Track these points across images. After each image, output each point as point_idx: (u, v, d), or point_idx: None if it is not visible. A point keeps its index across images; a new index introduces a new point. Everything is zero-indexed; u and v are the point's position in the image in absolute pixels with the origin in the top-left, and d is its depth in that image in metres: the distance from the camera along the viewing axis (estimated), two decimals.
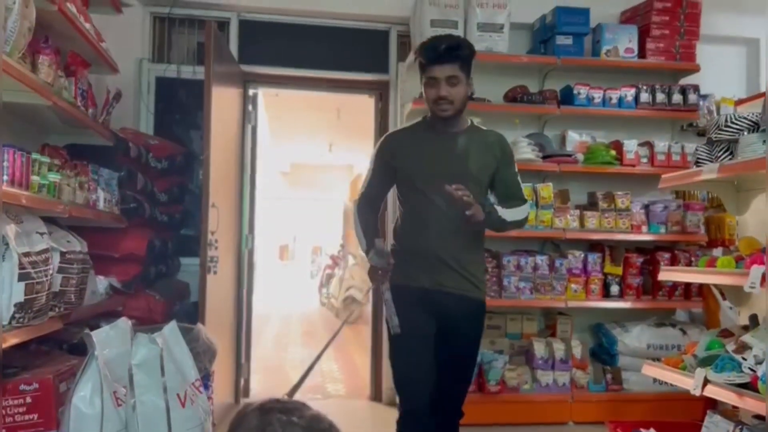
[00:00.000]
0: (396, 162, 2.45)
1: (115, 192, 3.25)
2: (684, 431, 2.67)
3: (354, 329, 9.16)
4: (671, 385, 4.06)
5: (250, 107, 4.71)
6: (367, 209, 2.57)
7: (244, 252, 4.59)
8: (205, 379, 2.92)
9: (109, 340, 2.31)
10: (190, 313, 3.77)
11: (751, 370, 2.19)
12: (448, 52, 2.28)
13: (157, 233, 3.77)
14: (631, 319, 4.36)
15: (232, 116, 4.33)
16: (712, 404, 2.73)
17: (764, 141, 2.37)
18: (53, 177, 2.40)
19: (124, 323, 2.45)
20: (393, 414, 4.40)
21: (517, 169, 2.52)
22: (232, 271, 4.38)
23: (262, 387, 5.15)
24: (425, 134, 2.45)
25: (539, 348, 4.12)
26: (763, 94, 2.59)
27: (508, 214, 2.40)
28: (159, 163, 3.87)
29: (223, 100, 3.94)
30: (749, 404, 2.10)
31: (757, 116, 2.48)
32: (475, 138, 2.44)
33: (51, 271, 2.30)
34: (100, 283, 3.16)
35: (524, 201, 2.50)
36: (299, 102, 7.93)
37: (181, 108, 4.49)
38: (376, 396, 4.79)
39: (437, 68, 2.30)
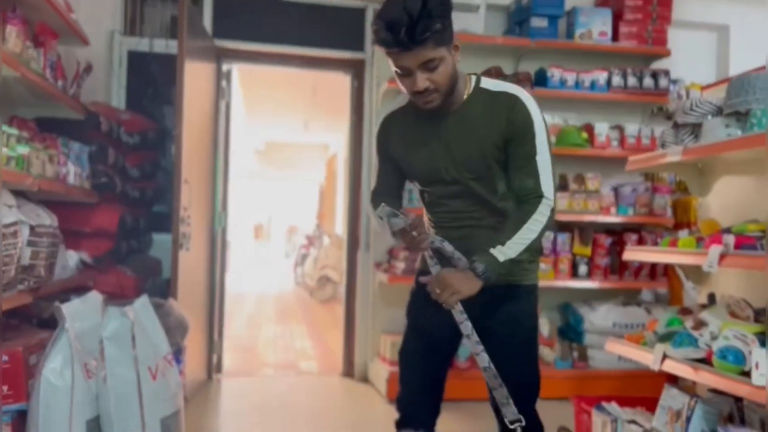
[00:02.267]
0: (392, 155, 1.93)
1: (85, 166, 3.21)
2: (644, 404, 2.76)
3: (328, 308, 9.23)
4: (635, 362, 4.19)
5: (224, 83, 4.68)
6: (380, 202, 1.88)
7: (217, 229, 4.58)
8: (177, 353, 2.94)
9: (80, 313, 2.32)
10: (162, 289, 3.77)
11: (707, 345, 2.27)
12: (414, 35, 1.62)
13: (128, 209, 3.75)
14: (599, 299, 4.47)
15: (206, 92, 4.29)
16: (674, 381, 2.83)
17: (726, 125, 2.44)
18: (22, 149, 2.38)
19: (95, 296, 2.46)
20: (365, 389, 4.51)
21: (542, 146, 1.75)
22: (205, 248, 4.38)
23: (235, 365, 5.18)
24: (415, 120, 1.86)
25: None
26: (728, 80, 2.65)
27: (512, 247, 1.70)
28: (131, 138, 3.83)
29: (196, 76, 3.90)
30: (704, 378, 2.19)
31: (720, 101, 2.54)
32: (477, 110, 1.78)
33: (20, 245, 2.28)
34: (71, 258, 3.14)
35: (538, 198, 1.73)
36: (274, 79, 7.87)
37: (153, 83, 4.43)
38: (348, 372, 4.85)
39: (404, 57, 1.67)
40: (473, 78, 1.83)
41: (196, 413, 3.73)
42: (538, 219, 1.72)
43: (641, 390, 3.80)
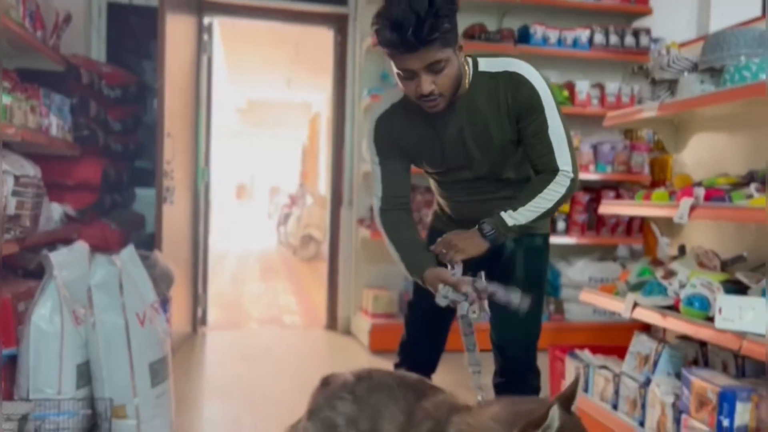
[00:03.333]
0: (397, 154, 1.84)
1: (67, 118, 3.21)
2: (615, 353, 2.87)
3: (311, 266, 9.32)
4: (609, 315, 4.36)
5: (205, 37, 4.63)
6: (395, 218, 1.85)
7: (200, 185, 4.60)
8: (163, 303, 3.00)
9: (67, 261, 2.36)
10: (147, 243, 3.80)
11: (675, 294, 2.37)
12: (421, 36, 1.52)
13: (111, 162, 3.75)
14: (576, 254, 4.59)
15: (187, 45, 4.26)
16: (646, 331, 2.94)
17: (701, 81, 2.50)
18: (5, 99, 2.37)
19: (82, 246, 2.49)
20: (348, 342, 4.63)
21: (553, 118, 1.68)
22: (189, 203, 4.40)
23: (220, 319, 5.26)
24: (419, 115, 1.74)
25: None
26: (705, 37, 2.69)
27: (523, 213, 1.69)
28: (112, 91, 3.81)
29: (177, 29, 3.87)
30: (671, 323, 2.29)
31: (697, 58, 2.59)
32: (482, 97, 1.71)
33: (5, 194, 2.30)
34: (55, 211, 3.16)
35: (554, 172, 1.69)
36: (256, 34, 7.77)
37: (133, 36, 4.37)
38: (331, 325, 4.95)
39: (409, 58, 1.57)
40: (470, 61, 1.72)
41: (182, 364, 3.81)
42: (555, 189, 1.69)
43: (614, 341, 3.93)
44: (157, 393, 2.35)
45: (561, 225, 4.46)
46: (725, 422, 1.98)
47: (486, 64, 1.73)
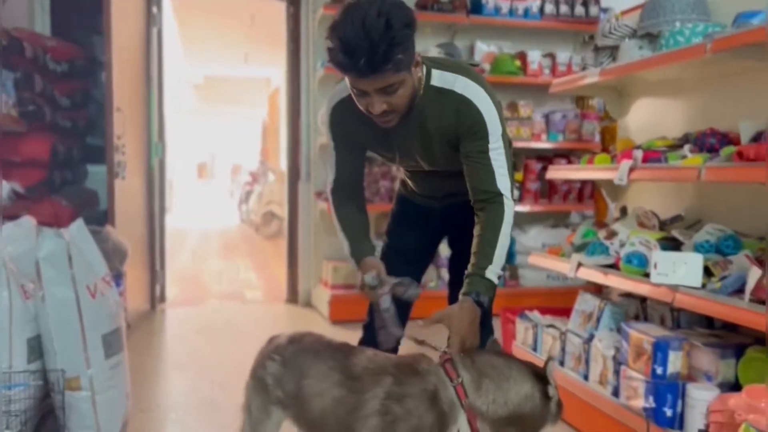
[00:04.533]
0: (352, 141, 1.83)
1: (11, 94, 3.13)
2: (562, 314, 2.97)
3: (273, 243, 9.30)
4: (563, 279, 4.49)
5: (154, 9, 4.54)
6: (346, 199, 1.86)
7: (153, 160, 4.55)
8: (116, 278, 2.99)
9: (13, 236, 2.32)
10: (100, 220, 3.76)
11: (616, 252, 2.47)
12: (373, 65, 1.47)
13: (60, 138, 3.68)
14: (530, 222, 4.69)
15: (136, 18, 4.18)
16: (597, 292, 3.04)
17: (640, 47, 2.58)
18: None
19: (28, 220, 2.46)
20: (309, 313, 4.67)
21: (496, 143, 1.65)
22: (142, 178, 4.36)
23: (179, 295, 5.25)
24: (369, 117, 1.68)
25: (443, 248, 4.38)
26: (642, 5, 2.76)
27: (498, 261, 1.62)
28: (58, 66, 3.72)
29: (124, 1, 3.79)
30: (612, 281, 2.39)
31: (635, 24, 2.67)
32: (430, 112, 1.68)
33: None
34: (2, 188, 3.10)
35: (500, 197, 1.64)
36: (211, 8, 7.63)
37: (80, 10, 4.26)
38: (292, 299, 4.98)
39: (360, 81, 1.53)
40: (424, 70, 1.66)
41: (140, 339, 3.81)
42: (508, 222, 1.65)
43: (567, 304, 4.08)
44: (111, 364, 2.35)
45: (515, 193, 4.54)
46: (659, 370, 2.09)
47: (437, 78, 1.67)
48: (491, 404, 1.42)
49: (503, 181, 1.65)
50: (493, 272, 1.61)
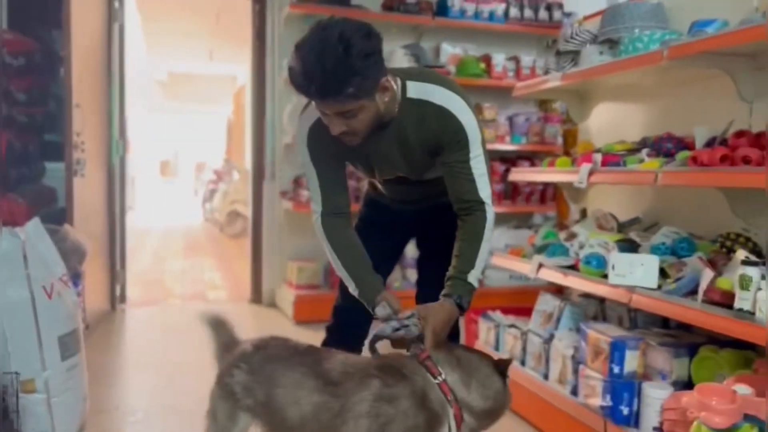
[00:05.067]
0: (332, 158, 1.79)
1: None
2: (524, 314, 3.01)
3: (238, 243, 9.20)
4: (525, 279, 4.55)
5: (116, 4, 4.46)
6: (338, 226, 1.79)
7: (114, 158, 4.46)
8: (75, 278, 2.93)
9: None
10: (58, 218, 3.66)
11: (576, 254, 2.52)
12: (326, 92, 1.49)
13: (16, 134, 3.58)
14: (494, 224, 4.73)
15: (96, 12, 4.09)
16: (558, 293, 3.10)
17: (600, 52, 2.63)
18: None
19: None
20: (272, 314, 4.64)
21: (476, 152, 1.66)
22: (103, 176, 4.27)
23: (140, 296, 5.16)
24: None
25: (409, 249, 4.40)
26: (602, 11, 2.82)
27: (479, 265, 1.66)
28: (15, 60, 3.61)
29: None
30: (571, 281, 2.44)
31: (597, 29, 2.72)
32: (408, 126, 1.68)
33: None
34: None
35: (482, 205, 1.68)
36: (175, 2, 7.52)
37: (38, 3, 4.15)
38: (256, 299, 4.95)
39: (319, 104, 1.56)
40: (398, 83, 1.65)
41: (99, 340, 3.74)
42: (490, 228, 1.69)
43: (528, 304, 4.15)
44: (67, 366, 2.30)
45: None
46: (616, 369, 2.14)
47: (414, 89, 1.66)
48: (479, 399, 1.49)
49: (484, 189, 1.68)
50: (474, 277, 1.65)
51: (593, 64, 2.57)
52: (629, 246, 2.35)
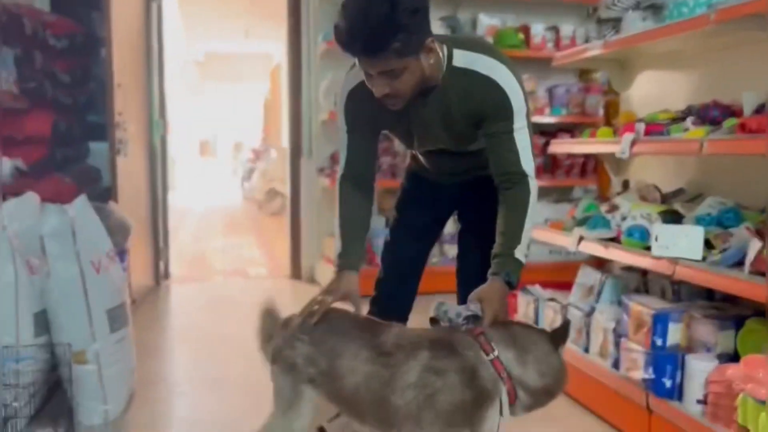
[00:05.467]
0: (376, 126, 1.80)
1: (12, 70, 3.13)
2: (563, 288, 2.98)
3: (276, 220, 9.30)
4: (566, 253, 4.48)
5: None
6: (353, 189, 1.81)
7: (155, 138, 4.55)
8: (120, 253, 3.01)
9: (17, 212, 2.34)
10: (103, 197, 3.76)
11: (618, 226, 2.47)
12: (371, 48, 1.48)
13: (61, 115, 3.67)
14: None
15: None
16: (599, 266, 3.05)
17: (644, 18, 2.55)
18: None
19: (32, 196, 2.48)
20: (312, 289, 4.69)
21: (521, 123, 1.63)
22: (144, 155, 4.36)
23: (183, 272, 5.28)
24: None
25: (448, 224, 4.39)
26: None
27: (525, 240, 1.64)
28: (58, 42, 3.70)
29: None
30: (613, 254, 2.40)
31: None
32: (453, 95, 1.65)
33: None
34: (5, 165, 3.11)
35: (525, 177, 1.64)
36: None
37: None
38: (295, 274, 5.01)
39: (364, 62, 1.53)
40: (445, 51, 1.61)
41: (145, 314, 3.85)
42: (533, 201, 1.65)
43: (568, 279, 4.10)
44: (116, 338, 2.38)
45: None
46: (659, 342, 2.11)
47: (460, 58, 1.63)
48: (535, 376, 1.46)
49: (528, 162, 1.64)
50: (521, 252, 1.62)
51: (636, 31, 2.50)
52: (673, 217, 2.30)
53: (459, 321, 1.55)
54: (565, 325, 1.53)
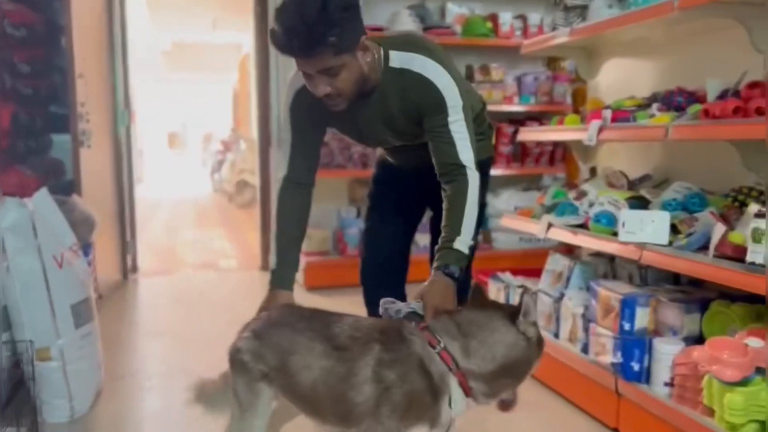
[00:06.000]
0: (321, 123, 1.84)
1: None
2: (533, 275, 3.00)
3: (247, 213, 9.22)
4: (535, 241, 4.54)
5: None
6: (292, 193, 1.85)
7: (120, 128, 4.45)
8: (86, 248, 2.94)
9: None
10: (66, 190, 3.68)
11: (585, 212, 2.49)
12: (306, 50, 1.51)
13: (21, 107, 3.57)
14: (502, 185, 4.71)
15: None
16: (568, 253, 3.08)
17: (609, 6, 2.57)
18: None
19: None
20: None
21: (456, 116, 1.67)
22: (109, 147, 4.27)
23: (152, 265, 5.20)
24: None
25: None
26: None
27: (467, 231, 1.63)
28: (17, 31, 3.59)
29: None
30: (581, 240, 2.42)
31: None
32: (391, 94, 1.71)
33: None
34: None
35: (463, 169, 1.67)
36: None
37: None
38: (266, 266, 4.97)
39: (303, 62, 1.56)
40: (381, 53, 1.68)
41: (112, 309, 3.78)
42: (473, 192, 1.65)
43: (538, 266, 4.14)
44: (81, 334, 2.33)
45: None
46: (626, 326, 2.13)
47: (396, 59, 1.69)
48: (481, 362, 1.40)
49: (465, 153, 1.67)
50: (462, 242, 1.62)
51: (602, 18, 2.51)
52: (640, 203, 2.32)
53: (399, 318, 1.53)
54: (521, 297, 1.42)
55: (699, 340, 2.06)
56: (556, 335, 2.57)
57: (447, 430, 1.42)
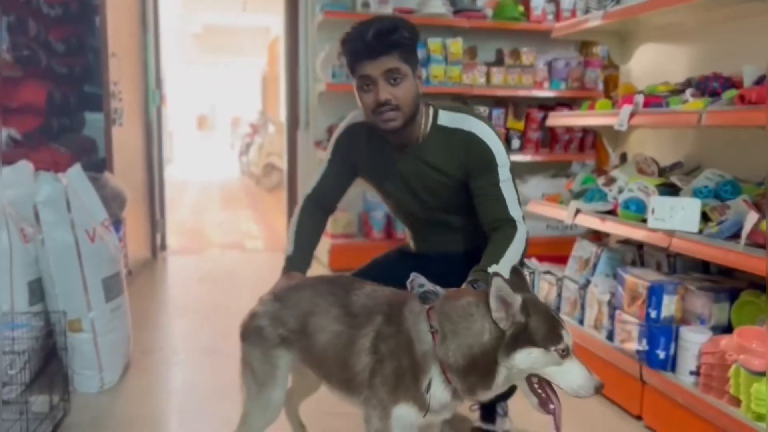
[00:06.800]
0: (356, 168, 1.89)
1: (5, 38, 3.09)
2: (560, 261, 2.98)
3: (274, 195, 9.29)
4: (563, 228, 4.50)
5: None
6: (313, 210, 1.91)
7: (151, 108, 4.51)
8: (117, 224, 3.00)
9: (11, 181, 2.34)
10: (99, 167, 3.75)
11: (614, 199, 2.46)
12: (381, 40, 1.63)
13: (56, 85, 3.64)
14: (531, 172, 4.66)
15: None
16: (596, 240, 3.05)
17: None
18: None
19: (26, 165, 2.47)
20: None
21: (505, 174, 1.71)
22: (141, 126, 4.33)
23: (180, 245, 5.28)
24: (379, 146, 1.80)
25: None
26: None
27: (503, 262, 1.58)
28: (52, 10, 3.65)
29: None
30: (609, 227, 2.39)
31: None
32: (436, 150, 1.76)
33: None
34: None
35: (512, 222, 1.69)
36: None
37: None
38: None
39: (369, 64, 1.65)
40: (431, 111, 1.78)
41: (141, 285, 3.85)
42: (520, 240, 1.68)
43: (564, 253, 4.10)
44: (112, 307, 2.39)
45: (516, 143, 4.51)
46: (653, 314, 2.11)
47: (446, 118, 1.77)
48: (452, 352, 1.30)
49: (515, 211, 1.72)
50: (497, 270, 1.54)
51: (637, 1, 2.46)
52: (670, 190, 2.29)
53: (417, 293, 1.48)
54: (489, 280, 1.29)
55: (727, 329, 2.03)
56: (581, 322, 2.56)
57: (440, 423, 1.43)
